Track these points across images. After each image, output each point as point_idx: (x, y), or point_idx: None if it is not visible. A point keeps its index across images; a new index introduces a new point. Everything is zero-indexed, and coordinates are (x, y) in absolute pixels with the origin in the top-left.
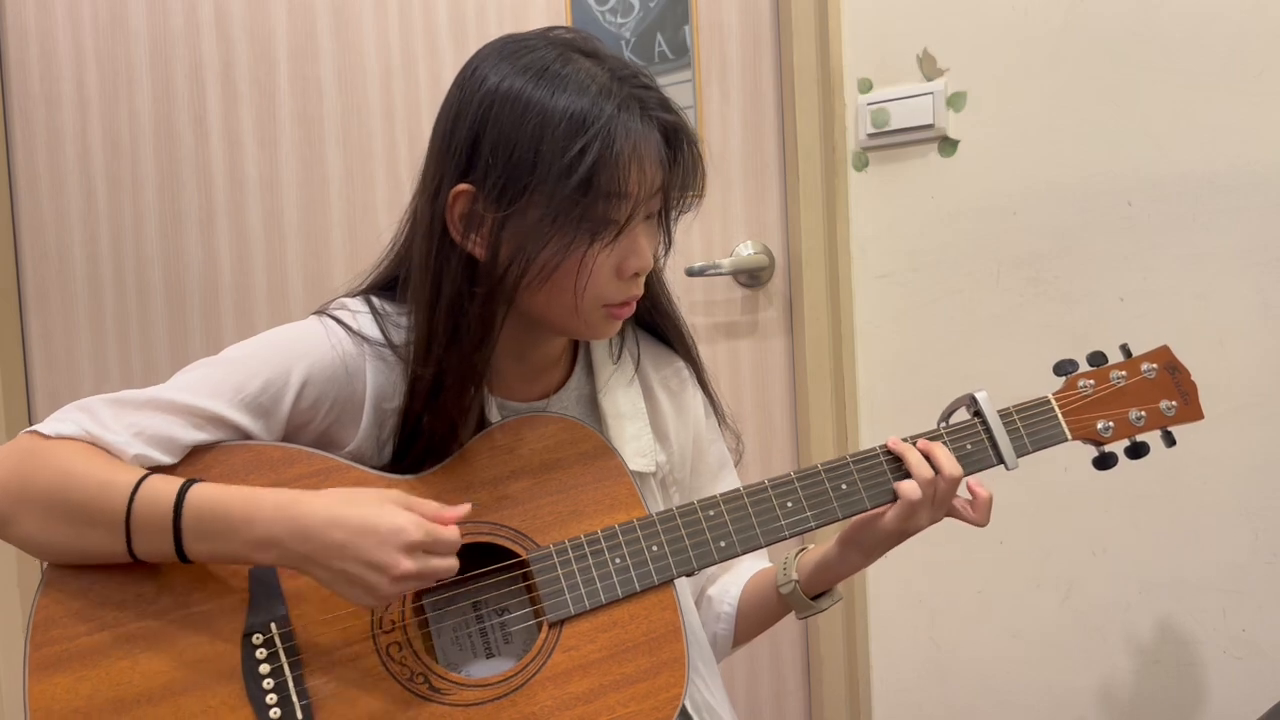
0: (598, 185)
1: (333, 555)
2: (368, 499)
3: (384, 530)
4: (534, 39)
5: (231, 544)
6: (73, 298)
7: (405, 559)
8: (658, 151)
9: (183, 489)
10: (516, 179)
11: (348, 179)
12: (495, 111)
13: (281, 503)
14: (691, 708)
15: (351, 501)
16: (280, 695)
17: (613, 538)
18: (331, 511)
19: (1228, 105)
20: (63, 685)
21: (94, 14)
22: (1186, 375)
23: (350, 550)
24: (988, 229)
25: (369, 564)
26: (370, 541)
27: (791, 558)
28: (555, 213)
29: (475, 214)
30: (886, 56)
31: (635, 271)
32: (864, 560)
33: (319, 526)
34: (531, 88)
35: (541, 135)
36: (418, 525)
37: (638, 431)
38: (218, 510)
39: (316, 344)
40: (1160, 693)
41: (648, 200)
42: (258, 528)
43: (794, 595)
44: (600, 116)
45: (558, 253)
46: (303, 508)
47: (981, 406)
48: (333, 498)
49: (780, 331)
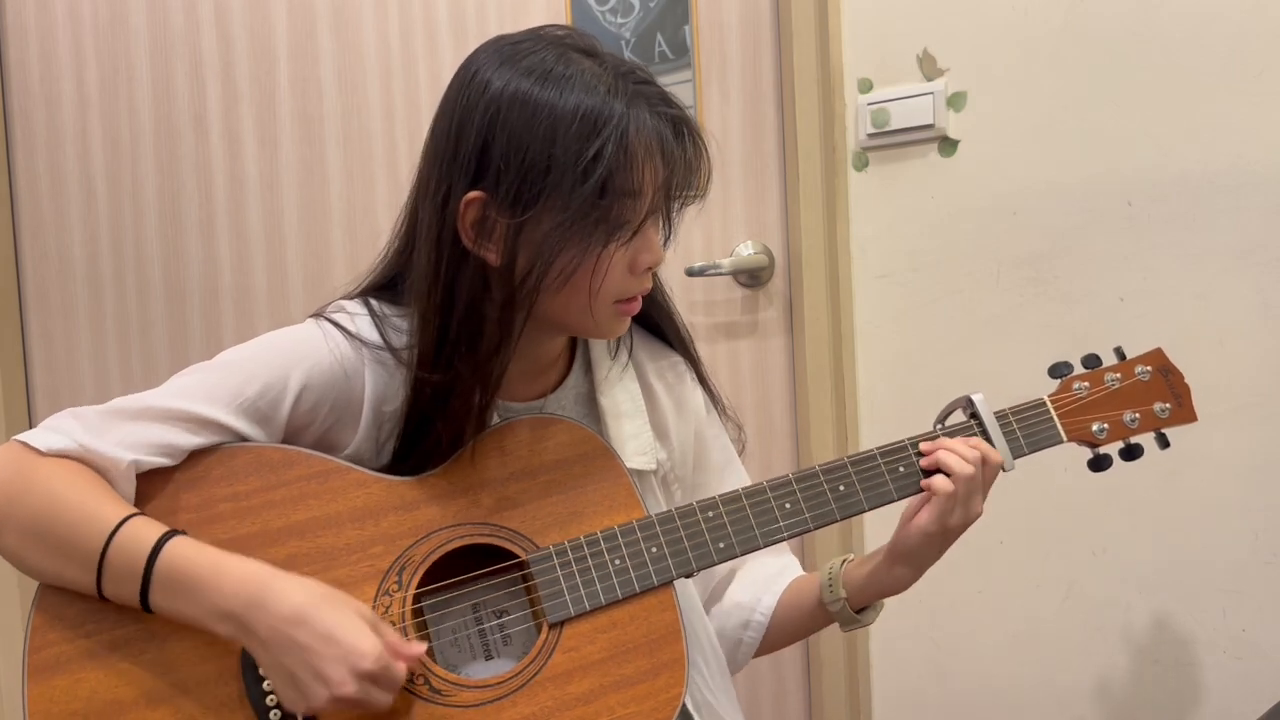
0: (613, 186)
1: (285, 650)
2: (341, 605)
3: (344, 646)
4: (529, 40)
5: (191, 607)
6: (73, 298)
7: (352, 682)
8: (667, 146)
9: (162, 539)
10: (530, 185)
11: (348, 179)
12: (504, 116)
13: (252, 578)
14: (691, 706)
15: (324, 602)
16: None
17: (612, 539)
18: (301, 607)
19: (1228, 105)
20: (61, 688)
21: (94, 14)
22: (1180, 377)
23: (304, 654)
24: (988, 229)
25: (316, 673)
26: (327, 653)
27: (837, 571)
28: (572, 217)
29: (488, 220)
30: (886, 56)
31: (648, 266)
32: (913, 574)
33: (284, 616)
34: (538, 90)
35: (553, 138)
36: (377, 657)
37: (637, 429)
38: (189, 569)
39: (314, 348)
40: (1160, 693)
41: (659, 196)
42: (221, 598)
43: (842, 612)
44: (612, 116)
45: (575, 256)
46: (273, 591)
47: (978, 409)
48: (306, 592)
49: (780, 331)
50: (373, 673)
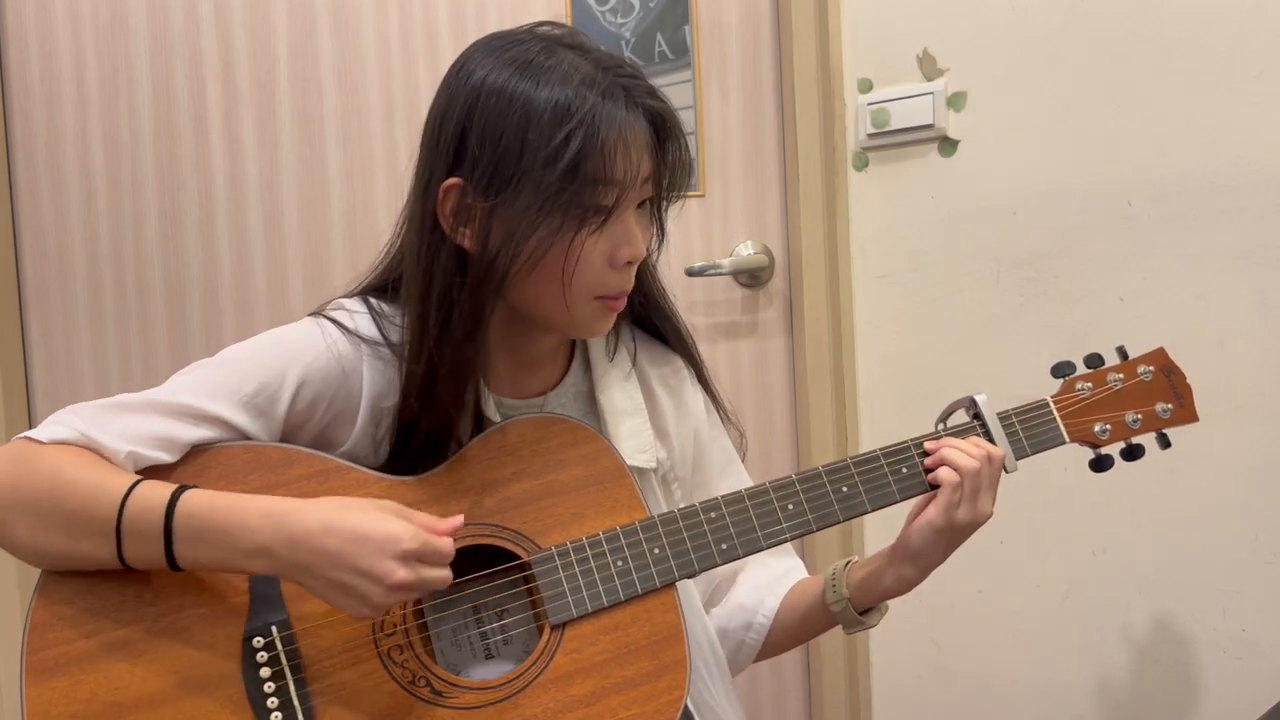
0: (584, 171)
1: (326, 563)
2: (362, 506)
3: (379, 538)
4: (521, 34)
5: (221, 551)
6: (73, 298)
7: (400, 568)
8: (645, 138)
9: (175, 494)
10: (504, 169)
11: (348, 179)
12: (481, 104)
13: (274, 510)
14: (692, 707)
15: (346, 509)
16: (281, 699)
17: (614, 540)
18: (325, 519)
19: (1228, 105)
20: (60, 689)
21: (94, 14)
22: (1182, 378)
23: (344, 558)
24: (988, 229)
25: (363, 572)
26: (364, 549)
27: (840, 572)
28: (542, 200)
29: (465, 206)
30: (886, 56)
31: (628, 260)
32: (918, 574)
33: (312, 534)
34: (516, 80)
35: (527, 124)
36: (413, 535)
37: (637, 428)
38: (209, 516)
39: (313, 345)
40: (1160, 693)
41: (637, 187)
42: (249, 535)
43: (845, 613)
44: (585, 104)
45: (545, 239)
46: (296, 515)
47: (981, 409)
48: (327, 505)
49: (780, 331)
50: (415, 551)
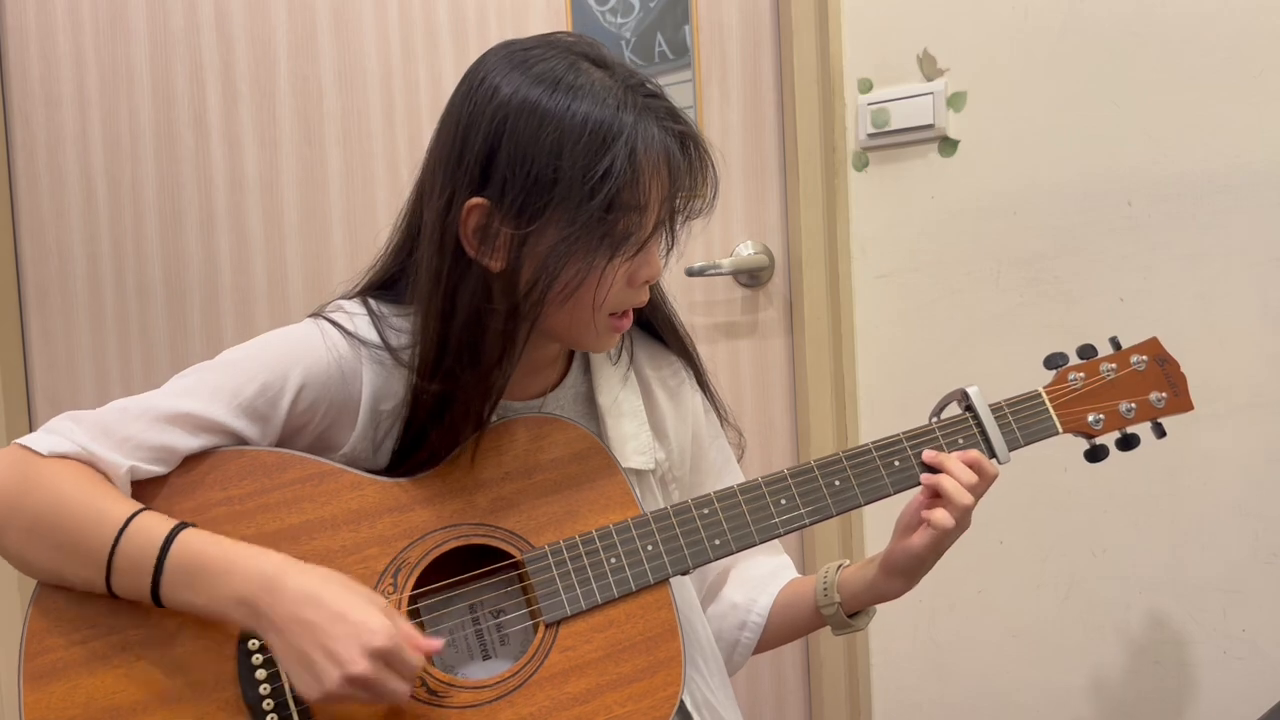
0: (620, 202)
1: (295, 631)
2: (353, 589)
3: (355, 624)
4: (539, 46)
5: (203, 596)
6: (73, 298)
7: (364, 660)
8: (674, 161)
9: (173, 532)
10: (536, 196)
11: (348, 179)
12: (511, 124)
13: (265, 566)
14: (691, 705)
15: (337, 585)
16: (277, 700)
17: (608, 538)
18: (311, 588)
19: (1228, 105)
20: (58, 694)
21: (94, 14)
22: (1176, 367)
23: (314, 633)
24: (988, 229)
25: (328, 652)
26: (337, 630)
27: (832, 575)
28: (578, 232)
29: (491, 228)
30: (886, 56)
31: (646, 280)
32: (907, 584)
33: (294, 599)
34: (547, 99)
35: (560, 150)
36: (389, 635)
37: (635, 429)
38: (201, 560)
39: (312, 347)
40: (1160, 693)
41: (664, 210)
42: (233, 584)
43: (835, 616)
44: (621, 131)
45: (581, 271)
46: (284, 577)
47: (973, 401)
48: (318, 576)
49: (780, 331)
50: (384, 650)
